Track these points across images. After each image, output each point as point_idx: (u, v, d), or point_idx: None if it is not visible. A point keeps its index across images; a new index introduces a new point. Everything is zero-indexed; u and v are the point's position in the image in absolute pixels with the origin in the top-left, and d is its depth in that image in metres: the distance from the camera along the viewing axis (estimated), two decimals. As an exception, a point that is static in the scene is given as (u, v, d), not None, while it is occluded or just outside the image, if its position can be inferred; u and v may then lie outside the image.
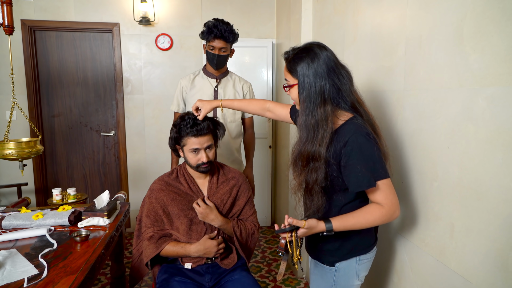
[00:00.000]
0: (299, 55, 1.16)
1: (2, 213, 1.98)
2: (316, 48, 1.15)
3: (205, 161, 1.57)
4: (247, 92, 2.23)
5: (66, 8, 3.22)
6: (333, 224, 1.12)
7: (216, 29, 1.97)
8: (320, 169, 1.14)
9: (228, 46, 2.05)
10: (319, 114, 1.12)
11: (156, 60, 3.42)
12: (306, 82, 1.13)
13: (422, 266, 1.31)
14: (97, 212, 1.82)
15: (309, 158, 1.15)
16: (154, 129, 3.50)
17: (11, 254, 1.48)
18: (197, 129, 1.54)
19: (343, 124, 1.17)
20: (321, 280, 1.31)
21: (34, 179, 3.37)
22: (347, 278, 1.26)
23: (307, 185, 1.18)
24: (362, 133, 1.12)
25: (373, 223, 1.14)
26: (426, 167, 1.27)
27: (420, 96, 1.29)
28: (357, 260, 1.25)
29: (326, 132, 1.12)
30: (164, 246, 1.57)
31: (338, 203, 1.22)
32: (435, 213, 1.23)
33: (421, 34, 1.28)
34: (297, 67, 1.15)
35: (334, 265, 1.26)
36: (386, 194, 1.12)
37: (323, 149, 1.12)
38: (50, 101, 3.39)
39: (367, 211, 1.14)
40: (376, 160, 1.12)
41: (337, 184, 1.18)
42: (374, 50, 1.62)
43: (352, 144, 1.11)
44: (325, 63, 1.13)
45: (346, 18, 1.91)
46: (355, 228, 1.15)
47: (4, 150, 1.73)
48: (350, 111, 1.19)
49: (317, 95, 1.12)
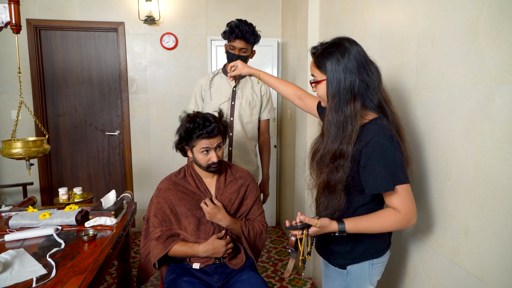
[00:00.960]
0: (329, 50, 1.12)
1: (9, 212, 1.98)
2: (346, 43, 1.13)
3: (215, 161, 1.57)
4: (264, 93, 2.23)
5: (71, 8, 3.22)
6: (346, 226, 1.09)
7: (237, 29, 1.98)
8: (345, 167, 1.10)
9: (248, 47, 2.05)
10: (348, 110, 1.09)
11: (161, 59, 3.42)
12: (335, 78, 1.10)
13: (435, 267, 1.29)
14: (104, 212, 1.81)
15: (335, 155, 1.11)
16: (159, 128, 3.50)
17: (19, 254, 1.47)
18: (207, 131, 1.53)
19: (367, 123, 1.13)
20: (332, 283, 1.29)
21: (39, 179, 3.37)
22: (359, 283, 1.23)
23: (328, 183, 1.14)
24: (386, 135, 1.08)
25: (387, 229, 1.10)
26: (439, 167, 1.25)
27: (433, 94, 1.28)
28: (370, 264, 1.22)
29: (354, 129, 1.09)
30: (172, 246, 1.55)
31: (353, 204, 1.18)
32: (448, 213, 1.21)
33: (434, 31, 1.26)
34: (326, 62, 1.11)
35: (345, 268, 1.23)
36: (404, 200, 1.08)
37: (350, 147, 1.09)
38: (55, 101, 3.39)
39: (382, 215, 1.10)
40: (397, 164, 1.07)
41: (354, 184, 1.15)
42: (384, 48, 1.60)
43: (374, 145, 1.07)
44: (355, 59, 1.10)
45: (354, 16, 1.89)
46: (368, 232, 1.12)
47: (12, 149, 1.73)
48: (376, 110, 1.15)
49: (347, 91, 1.09)
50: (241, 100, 2.17)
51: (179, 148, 1.66)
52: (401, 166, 1.08)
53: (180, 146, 1.64)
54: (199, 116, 1.58)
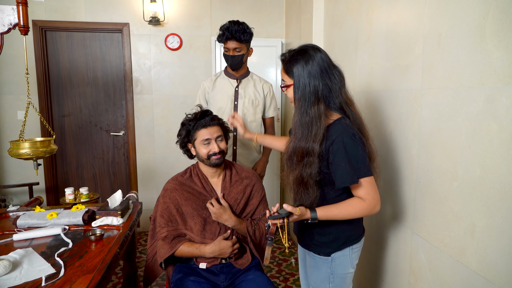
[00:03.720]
0: (295, 57, 1.24)
1: (17, 212, 2.00)
2: (310, 50, 1.23)
3: (216, 150, 1.58)
4: (267, 92, 2.24)
5: (76, 9, 3.24)
6: (317, 213, 1.20)
7: (227, 31, 2.00)
8: (314, 163, 1.22)
9: (242, 46, 2.06)
10: (313, 112, 1.21)
11: (165, 60, 3.43)
12: (301, 82, 1.22)
13: (440, 267, 1.30)
14: (111, 212, 1.82)
15: (303, 153, 1.23)
16: (164, 129, 3.51)
17: (28, 253, 1.49)
18: (205, 120, 1.60)
19: (332, 123, 1.24)
20: (318, 271, 1.38)
21: (45, 179, 3.39)
22: (343, 267, 1.35)
23: (301, 179, 1.25)
24: (349, 134, 1.20)
25: (355, 215, 1.23)
26: (445, 167, 1.26)
27: (439, 94, 1.28)
28: (350, 249, 1.35)
29: (319, 129, 1.21)
30: (178, 246, 1.56)
31: (327, 196, 1.30)
32: (455, 213, 1.21)
33: (440, 32, 1.26)
34: (293, 68, 1.23)
35: (330, 255, 1.34)
36: (367, 190, 1.21)
37: (316, 145, 1.21)
38: (60, 101, 3.41)
39: (349, 203, 1.23)
40: (359, 160, 1.20)
41: (327, 178, 1.26)
42: (390, 49, 1.60)
43: (339, 143, 1.19)
44: (319, 65, 1.21)
45: (359, 17, 1.89)
46: (338, 218, 1.24)
47: (20, 149, 1.74)
48: (339, 111, 1.27)
49: (311, 94, 1.21)
50: (244, 100, 2.19)
51: (183, 147, 1.69)
52: (363, 161, 1.21)
53: (184, 144, 1.67)
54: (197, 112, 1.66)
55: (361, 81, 1.87)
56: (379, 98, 1.69)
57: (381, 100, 1.68)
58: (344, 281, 1.37)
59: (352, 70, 1.96)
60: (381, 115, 1.67)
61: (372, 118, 1.74)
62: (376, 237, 1.73)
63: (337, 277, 1.35)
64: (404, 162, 1.50)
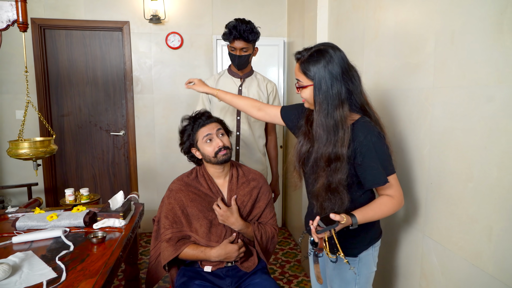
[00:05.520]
0: (314, 56, 1.18)
1: (16, 213, 1.95)
2: (330, 50, 1.18)
3: (221, 145, 1.55)
4: (271, 91, 2.20)
5: (75, 7, 3.19)
6: (357, 218, 1.17)
7: (235, 30, 1.95)
8: (343, 168, 1.18)
9: (249, 46, 2.02)
10: (337, 115, 1.16)
11: (166, 58, 3.39)
12: (323, 84, 1.16)
13: (454, 271, 1.26)
14: (113, 213, 1.78)
15: (330, 158, 1.18)
16: (164, 128, 3.47)
17: (28, 256, 1.45)
18: (202, 120, 1.60)
19: (354, 123, 1.21)
20: (344, 273, 1.34)
21: (44, 179, 3.34)
22: (368, 266, 1.34)
23: (329, 186, 1.20)
24: (375, 133, 1.19)
25: (387, 214, 1.23)
26: (459, 168, 1.22)
27: (452, 93, 1.24)
28: (373, 247, 1.35)
29: (346, 133, 1.17)
30: (183, 249, 1.52)
31: (353, 197, 1.26)
32: (470, 215, 1.18)
33: (454, 29, 1.23)
34: (313, 68, 1.17)
35: (357, 256, 1.32)
36: (395, 188, 1.22)
37: (344, 149, 1.16)
38: (60, 101, 3.36)
39: (381, 203, 1.22)
40: (386, 158, 1.20)
41: (352, 180, 1.24)
42: (399, 47, 1.57)
43: (367, 144, 1.17)
44: (339, 65, 1.16)
45: (366, 14, 1.86)
46: (373, 220, 1.22)
47: (19, 149, 1.70)
48: (359, 112, 1.24)
49: (335, 97, 1.16)
50: None
51: (188, 153, 1.66)
52: (389, 159, 1.22)
53: (188, 150, 1.64)
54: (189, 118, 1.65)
55: (368, 80, 1.84)
56: (387, 97, 1.66)
57: (390, 99, 1.64)
58: (368, 281, 1.36)
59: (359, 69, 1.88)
60: (389, 115, 1.64)
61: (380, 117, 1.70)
62: (386, 239, 1.69)
63: (362, 277, 1.33)
64: (415, 163, 1.46)
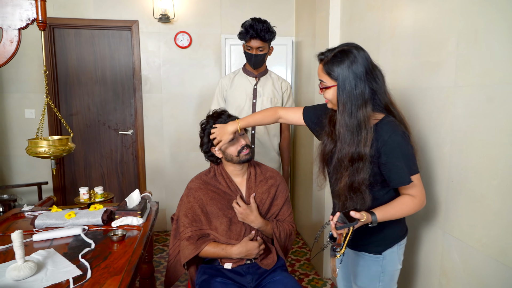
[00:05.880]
0: (338, 57, 1.18)
1: (32, 212, 1.95)
2: (354, 50, 1.19)
3: (243, 144, 1.57)
4: (285, 90, 2.21)
5: (85, 6, 3.19)
6: (377, 216, 1.19)
7: (252, 29, 1.96)
8: (365, 168, 1.19)
9: (265, 45, 2.03)
10: (360, 115, 1.17)
11: (175, 58, 3.39)
12: (347, 85, 1.17)
13: (477, 267, 1.28)
14: (131, 212, 1.78)
15: (353, 158, 1.19)
16: (173, 128, 3.47)
17: (50, 254, 1.45)
18: (223, 119, 1.60)
19: (378, 123, 1.22)
20: (368, 270, 1.36)
21: (52, 178, 3.34)
22: (392, 264, 1.35)
23: (351, 185, 1.22)
24: (399, 132, 1.20)
25: (408, 213, 1.24)
26: (483, 165, 1.23)
27: (476, 92, 1.26)
28: (398, 245, 1.35)
29: (368, 132, 1.18)
30: (203, 247, 1.53)
31: (376, 195, 1.28)
32: (494, 212, 1.19)
33: (477, 28, 1.24)
34: (337, 69, 1.18)
35: (381, 253, 1.33)
36: (418, 187, 1.23)
37: (367, 149, 1.18)
38: (68, 100, 3.36)
39: (402, 202, 1.23)
40: (410, 157, 1.21)
41: (375, 179, 1.25)
42: (418, 46, 1.58)
43: (392, 144, 1.19)
44: (363, 65, 1.17)
45: (382, 14, 1.87)
46: (393, 218, 1.23)
47: (38, 148, 1.70)
48: (384, 112, 1.25)
49: (358, 97, 1.17)
50: (263, 98, 2.16)
51: (208, 154, 1.67)
52: (413, 159, 1.23)
53: (208, 151, 1.65)
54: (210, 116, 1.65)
55: (384, 79, 1.85)
56: (405, 96, 1.67)
57: (408, 98, 1.65)
58: (392, 279, 1.37)
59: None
60: (408, 113, 1.65)
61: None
62: (404, 237, 1.70)
63: (387, 274, 1.34)
64: (435, 161, 1.48)
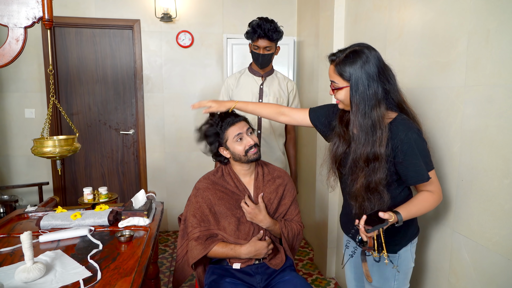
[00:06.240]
0: (350, 58, 1.19)
1: (36, 212, 1.94)
2: (366, 50, 1.19)
3: (252, 143, 1.56)
4: (291, 90, 2.21)
5: (86, 4, 3.17)
6: (402, 215, 1.17)
7: (260, 29, 1.96)
8: (382, 168, 1.19)
9: (272, 45, 2.03)
10: (375, 115, 1.18)
11: (176, 57, 3.38)
12: (360, 85, 1.17)
13: (488, 266, 1.28)
14: (137, 212, 1.77)
15: (369, 158, 1.19)
16: (174, 127, 3.46)
17: (58, 255, 1.44)
18: (230, 118, 1.57)
19: (392, 122, 1.22)
20: (384, 270, 1.35)
21: (53, 179, 3.32)
22: (407, 262, 1.36)
23: (368, 185, 1.21)
24: (414, 130, 1.20)
25: (429, 209, 1.24)
26: (494, 164, 1.24)
27: (487, 91, 1.26)
28: (411, 244, 1.36)
29: (383, 132, 1.18)
30: (212, 247, 1.53)
31: (393, 194, 1.27)
32: (506, 211, 1.20)
33: (489, 28, 1.24)
34: (349, 70, 1.18)
35: (397, 252, 1.33)
36: (435, 183, 1.24)
37: (383, 149, 1.18)
38: (69, 99, 3.34)
39: (423, 199, 1.22)
40: (426, 154, 1.22)
41: (392, 178, 1.25)
42: (426, 46, 1.58)
43: (409, 142, 1.18)
44: (376, 65, 1.18)
45: (389, 14, 1.87)
46: (416, 215, 1.23)
47: (44, 148, 1.68)
48: (397, 110, 1.26)
49: (371, 97, 1.17)
50: (269, 97, 2.16)
51: (215, 154, 1.64)
52: (429, 155, 1.23)
53: (216, 150, 1.62)
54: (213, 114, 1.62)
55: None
56: (413, 96, 1.67)
57: (416, 98, 1.65)
58: (406, 277, 1.38)
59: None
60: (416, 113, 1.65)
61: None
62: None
63: (401, 273, 1.35)
64: (445, 160, 1.48)
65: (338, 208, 2.55)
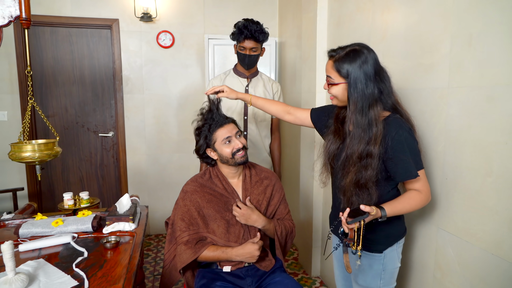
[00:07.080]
0: (350, 56, 1.22)
1: (13, 220, 1.84)
2: (365, 51, 1.23)
3: (240, 146, 1.55)
4: (276, 91, 2.21)
5: (61, 2, 3.05)
6: (386, 211, 1.20)
7: (246, 30, 1.95)
8: (373, 165, 1.22)
9: (258, 46, 2.03)
10: (371, 114, 1.22)
11: (157, 58, 3.32)
12: (358, 84, 1.21)
13: (472, 261, 1.33)
14: (122, 217, 1.73)
15: (362, 155, 1.23)
16: (155, 129, 3.39)
17: (40, 265, 1.38)
18: (220, 120, 1.57)
19: (385, 119, 1.25)
20: (369, 269, 1.38)
21: (27, 184, 3.18)
22: (392, 262, 1.38)
23: (357, 181, 1.25)
24: (406, 128, 1.24)
25: (415, 208, 1.26)
26: (477, 163, 1.28)
27: (470, 92, 1.31)
28: (397, 244, 1.38)
29: (378, 130, 1.22)
30: (202, 250, 1.50)
31: (382, 191, 1.30)
32: (490, 208, 1.24)
33: (471, 32, 1.29)
34: (348, 68, 1.22)
35: (382, 252, 1.35)
36: (424, 182, 1.26)
37: (377, 146, 1.22)
38: (44, 101, 3.20)
39: (409, 197, 1.25)
40: (416, 153, 1.25)
41: (382, 175, 1.28)
42: (410, 48, 1.62)
43: (399, 139, 1.22)
44: (373, 66, 1.22)
45: (373, 16, 1.91)
46: (401, 213, 1.26)
47: (22, 152, 1.61)
48: (391, 110, 1.29)
49: (369, 96, 1.22)
50: None
51: (203, 155, 1.62)
52: (419, 154, 1.26)
53: (203, 152, 1.60)
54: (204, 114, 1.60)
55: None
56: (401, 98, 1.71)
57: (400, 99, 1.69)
58: (392, 276, 1.40)
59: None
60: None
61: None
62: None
63: (388, 272, 1.37)
64: (429, 160, 1.52)
65: (323, 207, 2.58)
